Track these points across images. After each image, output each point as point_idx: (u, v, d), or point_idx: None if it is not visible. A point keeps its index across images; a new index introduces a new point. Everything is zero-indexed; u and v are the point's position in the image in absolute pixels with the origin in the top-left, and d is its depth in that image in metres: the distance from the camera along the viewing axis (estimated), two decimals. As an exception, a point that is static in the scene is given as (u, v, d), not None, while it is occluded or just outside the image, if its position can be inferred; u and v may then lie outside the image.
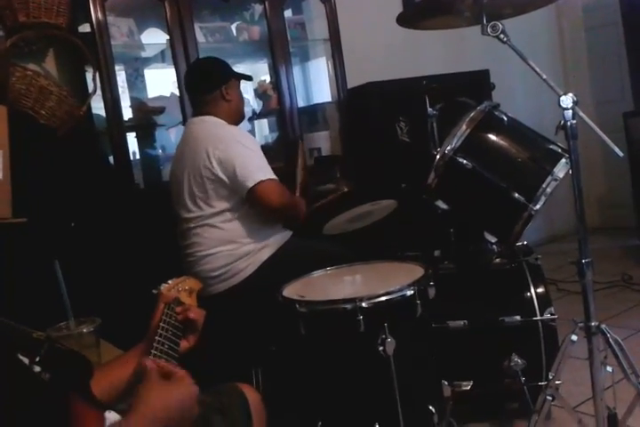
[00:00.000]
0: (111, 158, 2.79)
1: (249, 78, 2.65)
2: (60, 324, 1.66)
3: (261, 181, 2.20)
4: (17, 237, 2.06)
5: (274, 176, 2.26)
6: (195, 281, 1.46)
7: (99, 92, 2.68)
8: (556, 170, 1.83)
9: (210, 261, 2.27)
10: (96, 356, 1.61)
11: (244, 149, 2.26)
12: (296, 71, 3.41)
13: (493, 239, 2.04)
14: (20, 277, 1.98)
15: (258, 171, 2.22)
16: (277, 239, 2.35)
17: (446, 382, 1.85)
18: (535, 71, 1.64)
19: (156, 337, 1.23)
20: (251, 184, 2.20)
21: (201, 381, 1.15)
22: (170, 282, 1.40)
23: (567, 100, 1.60)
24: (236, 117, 2.46)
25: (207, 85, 2.42)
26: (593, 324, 1.64)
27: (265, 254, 2.29)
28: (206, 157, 2.23)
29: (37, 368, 0.98)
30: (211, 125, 2.36)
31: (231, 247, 2.27)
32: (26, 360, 0.98)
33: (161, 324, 1.26)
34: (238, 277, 2.26)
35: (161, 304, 1.32)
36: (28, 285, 1.97)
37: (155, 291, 1.36)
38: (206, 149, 2.24)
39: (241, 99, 2.51)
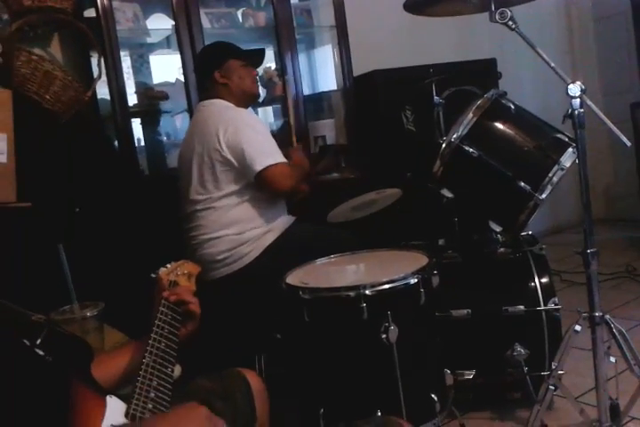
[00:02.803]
0: (116, 144, 2.79)
1: (257, 54, 2.53)
2: (64, 307, 1.67)
3: (270, 166, 2.21)
4: (21, 221, 2.06)
5: (283, 160, 2.26)
6: (193, 265, 1.45)
7: (104, 77, 2.66)
8: (562, 159, 1.82)
9: (214, 245, 2.27)
10: (99, 340, 1.62)
11: (253, 133, 2.26)
12: (302, 58, 3.38)
13: (498, 228, 2.03)
14: (24, 260, 1.98)
15: (266, 155, 2.23)
16: (281, 224, 2.35)
17: (449, 371, 1.85)
18: (543, 59, 1.63)
19: (156, 321, 1.24)
20: (259, 168, 2.20)
21: (204, 366, 1.15)
22: (168, 266, 1.40)
23: (575, 89, 1.58)
24: (242, 99, 2.41)
25: (202, 72, 2.46)
26: (597, 314, 1.64)
27: (269, 239, 2.29)
28: (216, 139, 2.23)
29: (39, 351, 0.98)
30: (220, 108, 2.35)
31: (235, 231, 2.27)
32: (27, 343, 0.98)
33: (160, 308, 1.27)
34: (242, 262, 2.26)
35: (159, 288, 1.33)
36: (33, 268, 1.97)
37: (153, 275, 1.36)
38: (216, 131, 2.24)
39: (244, 78, 2.40)
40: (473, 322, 2.10)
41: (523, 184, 1.83)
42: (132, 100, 2.95)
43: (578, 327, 1.67)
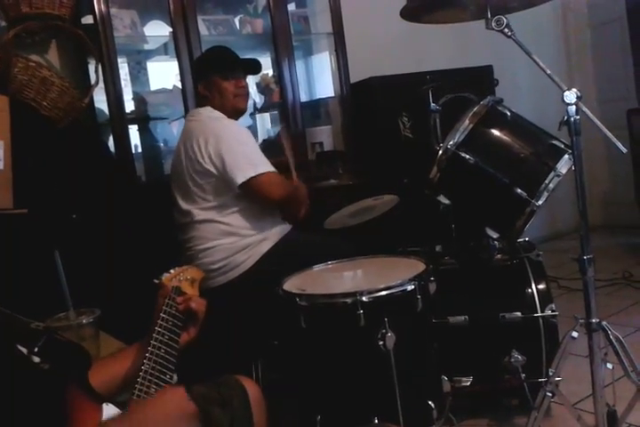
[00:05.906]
0: (113, 151, 2.79)
1: (245, 65, 2.44)
2: (60, 314, 1.67)
3: (253, 177, 2.18)
4: (18, 227, 2.05)
5: (269, 169, 2.23)
6: (196, 271, 1.45)
7: (101, 84, 2.66)
8: (558, 166, 1.82)
9: (209, 255, 2.26)
10: (95, 347, 1.62)
11: (235, 144, 2.23)
12: (299, 65, 3.39)
13: (495, 235, 2.04)
14: (20, 267, 1.98)
15: (248, 166, 2.20)
16: (277, 232, 2.33)
17: (446, 378, 1.85)
18: (539, 66, 1.63)
19: (156, 327, 1.23)
20: (240, 180, 2.18)
21: (201, 373, 1.15)
22: (171, 271, 1.39)
23: (571, 96, 1.59)
24: (227, 113, 2.36)
25: (193, 80, 2.47)
26: (594, 320, 1.64)
27: (265, 247, 2.28)
28: (199, 151, 2.22)
29: (36, 359, 0.98)
30: (205, 119, 2.33)
31: (231, 240, 2.25)
32: (24, 350, 0.98)
33: (161, 314, 1.26)
34: (238, 270, 2.25)
35: (161, 294, 1.32)
36: (29, 275, 1.96)
37: (156, 280, 1.35)
38: (199, 143, 2.23)
39: (223, 93, 2.35)
40: (470, 329, 2.09)
41: (519, 191, 1.83)
42: (130, 106, 2.95)
43: (575, 334, 1.67)
